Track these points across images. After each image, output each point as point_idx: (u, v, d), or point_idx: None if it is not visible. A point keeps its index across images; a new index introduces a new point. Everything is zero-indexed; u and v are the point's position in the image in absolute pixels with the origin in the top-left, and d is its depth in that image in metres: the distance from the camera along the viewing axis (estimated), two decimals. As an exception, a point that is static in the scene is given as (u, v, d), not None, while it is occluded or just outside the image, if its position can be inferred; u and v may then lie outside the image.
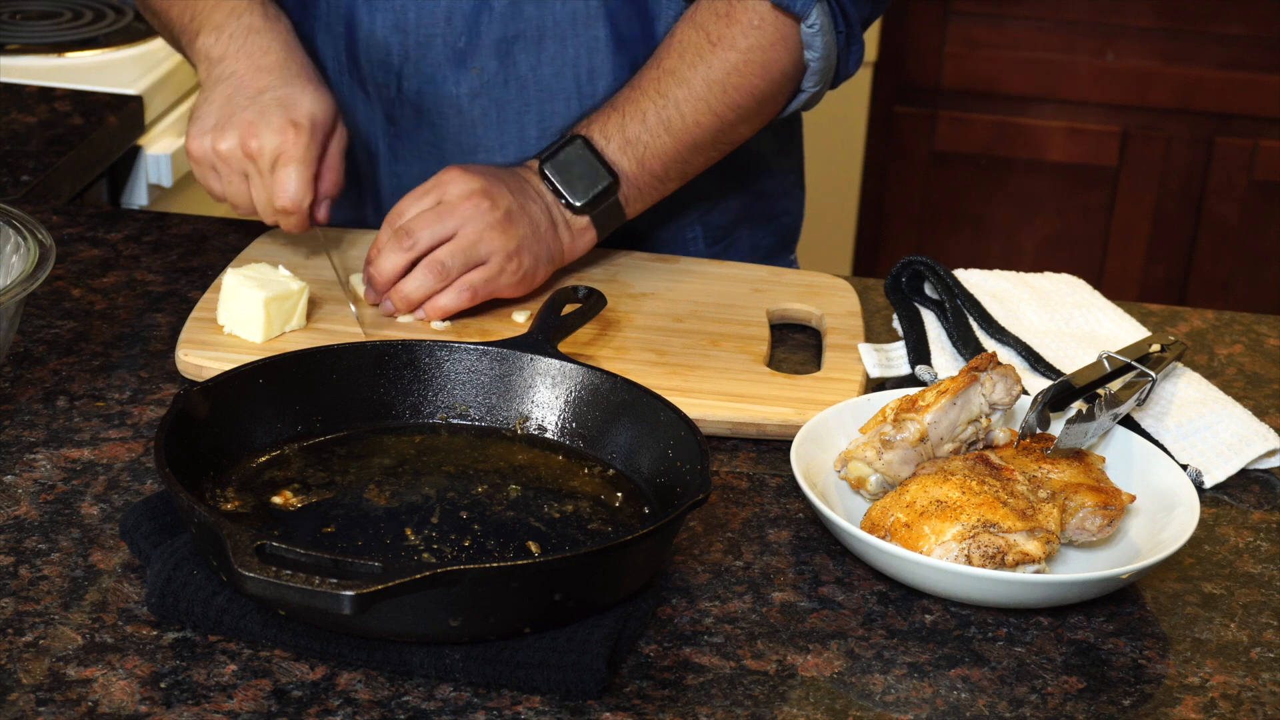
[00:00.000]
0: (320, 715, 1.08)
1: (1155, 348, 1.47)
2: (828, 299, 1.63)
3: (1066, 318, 1.60)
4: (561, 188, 1.58)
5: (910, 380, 1.52)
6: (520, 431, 1.35)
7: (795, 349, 1.58)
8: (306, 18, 1.66)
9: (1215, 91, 3.35)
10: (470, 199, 1.53)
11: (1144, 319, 1.66)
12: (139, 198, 2.23)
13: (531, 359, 1.36)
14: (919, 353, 1.53)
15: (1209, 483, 1.39)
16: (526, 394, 1.35)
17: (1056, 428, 1.35)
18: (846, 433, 1.36)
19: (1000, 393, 1.33)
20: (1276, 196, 3.41)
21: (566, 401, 1.34)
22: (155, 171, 2.22)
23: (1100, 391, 1.37)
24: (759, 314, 1.59)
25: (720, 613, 1.20)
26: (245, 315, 1.47)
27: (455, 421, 1.36)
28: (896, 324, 1.60)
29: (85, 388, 1.43)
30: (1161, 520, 1.28)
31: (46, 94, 2.15)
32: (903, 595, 1.23)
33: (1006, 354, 1.54)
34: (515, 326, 1.54)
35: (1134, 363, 1.43)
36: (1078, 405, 1.34)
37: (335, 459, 1.30)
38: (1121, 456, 1.36)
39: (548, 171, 1.58)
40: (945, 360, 1.52)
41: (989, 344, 1.55)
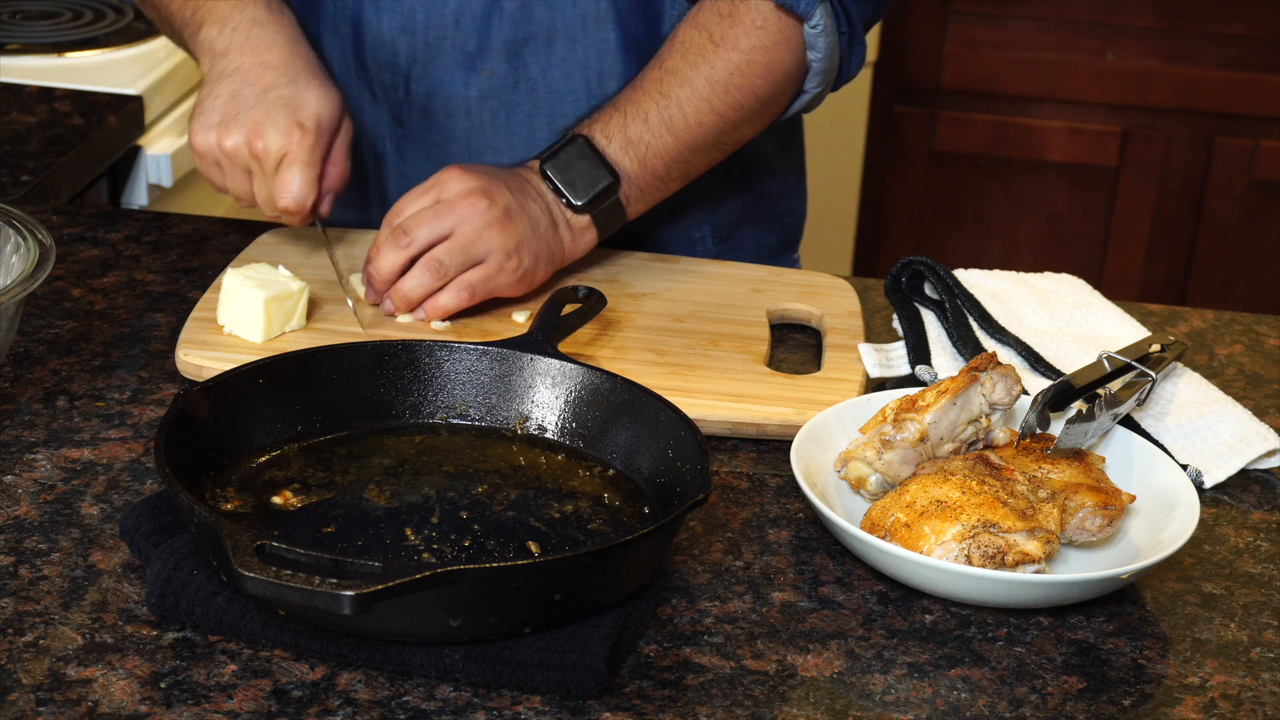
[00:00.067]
0: (320, 715, 1.08)
1: (1155, 348, 1.47)
2: (828, 299, 1.63)
3: (1066, 318, 1.60)
4: (562, 187, 1.57)
5: (910, 380, 1.52)
6: (520, 431, 1.35)
7: (795, 349, 1.58)
8: (312, 18, 1.65)
9: (1215, 91, 3.35)
10: (468, 197, 1.52)
11: (1144, 319, 1.66)
12: (139, 198, 2.23)
13: (531, 359, 1.36)
14: (919, 353, 1.53)
15: (1209, 483, 1.39)
16: (526, 394, 1.35)
17: (1056, 428, 1.35)
18: (846, 433, 1.36)
19: (1000, 393, 1.33)
20: (1276, 196, 3.41)
21: (566, 401, 1.34)
22: (155, 171, 2.21)
23: (1100, 391, 1.37)
24: (759, 314, 1.59)
25: (720, 613, 1.20)
26: (245, 315, 1.47)
27: (455, 421, 1.36)
28: (896, 324, 1.60)
29: (85, 388, 1.43)
30: (1161, 520, 1.28)
31: (46, 94, 2.15)
32: (903, 595, 1.23)
33: (1006, 354, 1.54)
34: (515, 326, 1.54)
35: (1134, 363, 1.43)
36: (1078, 405, 1.34)
37: (335, 459, 1.30)
38: (1121, 456, 1.36)
39: (548, 171, 1.58)
40: (945, 360, 1.52)
41: (989, 344, 1.55)
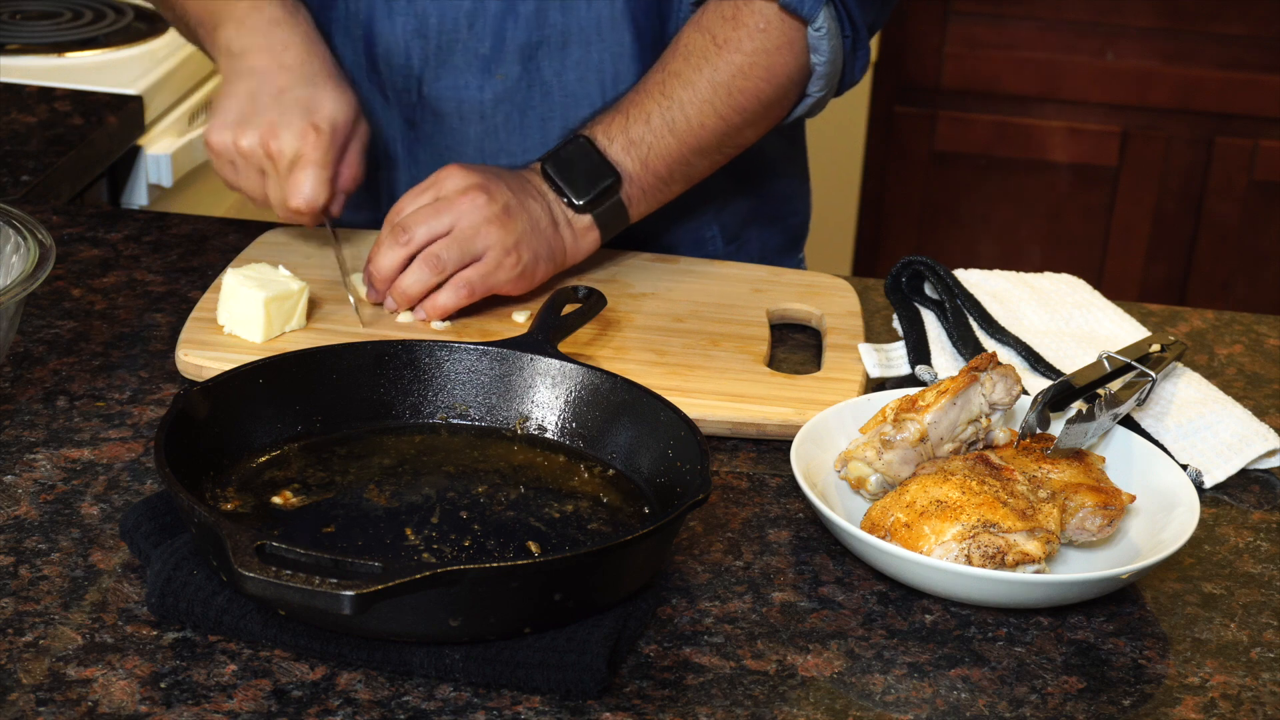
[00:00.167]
0: (320, 715, 1.08)
1: (1155, 348, 1.47)
2: (828, 299, 1.63)
3: (1066, 318, 1.60)
4: (563, 185, 1.57)
5: (910, 380, 1.52)
6: (520, 431, 1.35)
7: (795, 349, 1.58)
8: (325, 20, 1.65)
9: (1215, 91, 3.35)
10: (467, 194, 1.53)
11: (1144, 319, 1.66)
12: (139, 198, 2.23)
13: (531, 359, 1.36)
14: (919, 353, 1.53)
15: (1209, 483, 1.39)
16: (526, 394, 1.35)
17: (1056, 428, 1.35)
18: (846, 433, 1.36)
19: (1000, 393, 1.33)
20: (1276, 196, 3.41)
21: (566, 401, 1.34)
22: (155, 171, 2.21)
23: (1100, 391, 1.37)
24: (759, 314, 1.59)
25: (720, 613, 1.20)
26: (245, 315, 1.47)
27: (455, 421, 1.36)
28: (896, 324, 1.60)
29: (85, 388, 1.43)
30: (1161, 520, 1.28)
31: (46, 94, 2.15)
32: (903, 595, 1.23)
33: (1006, 354, 1.54)
34: (515, 326, 1.54)
35: (1134, 363, 1.43)
36: (1078, 405, 1.34)
37: (335, 459, 1.30)
38: (1121, 456, 1.36)
39: (549, 170, 1.58)
40: (945, 360, 1.52)
41: (989, 344, 1.55)
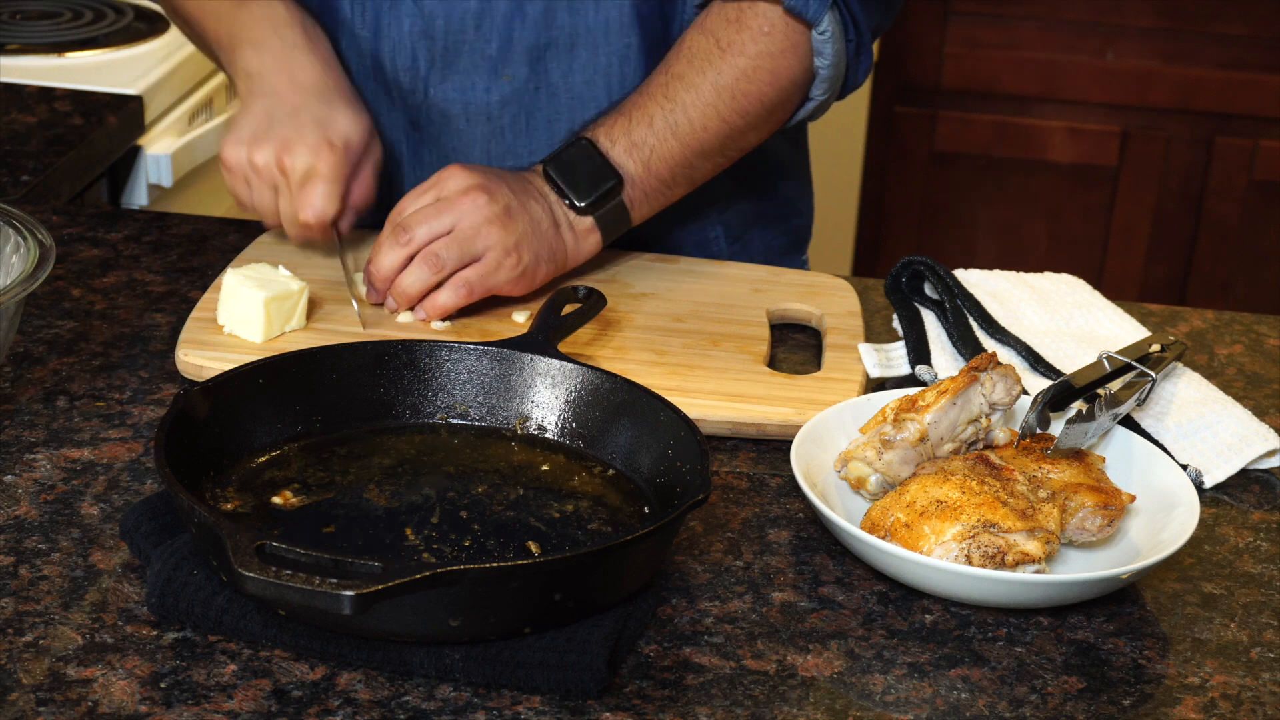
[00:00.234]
0: (320, 715, 1.08)
1: (1155, 348, 1.47)
2: (828, 299, 1.63)
3: (1066, 318, 1.60)
4: (565, 187, 1.57)
5: (910, 380, 1.51)
6: (520, 431, 1.35)
7: (795, 349, 1.58)
8: (329, 21, 1.65)
9: (1215, 91, 3.35)
10: (468, 194, 1.53)
11: (1144, 319, 1.66)
12: (139, 198, 2.23)
13: (531, 359, 1.36)
14: (919, 353, 1.53)
15: (1209, 483, 1.39)
16: (526, 394, 1.35)
17: (1056, 428, 1.35)
18: (846, 433, 1.36)
19: (1000, 393, 1.33)
20: (1276, 196, 3.41)
21: (566, 401, 1.34)
22: (155, 171, 2.21)
23: (1100, 391, 1.37)
24: (759, 314, 1.59)
25: (720, 613, 1.20)
26: (245, 315, 1.47)
27: (455, 421, 1.36)
28: (896, 324, 1.60)
29: (85, 388, 1.43)
30: (1161, 520, 1.28)
31: (46, 94, 2.15)
32: (903, 595, 1.23)
33: (1006, 354, 1.54)
34: (515, 326, 1.54)
35: (1134, 363, 1.43)
36: (1078, 405, 1.34)
37: (335, 459, 1.30)
38: (1121, 456, 1.36)
39: (551, 171, 1.58)
40: (945, 360, 1.52)
41: (989, 344, 1.55)
